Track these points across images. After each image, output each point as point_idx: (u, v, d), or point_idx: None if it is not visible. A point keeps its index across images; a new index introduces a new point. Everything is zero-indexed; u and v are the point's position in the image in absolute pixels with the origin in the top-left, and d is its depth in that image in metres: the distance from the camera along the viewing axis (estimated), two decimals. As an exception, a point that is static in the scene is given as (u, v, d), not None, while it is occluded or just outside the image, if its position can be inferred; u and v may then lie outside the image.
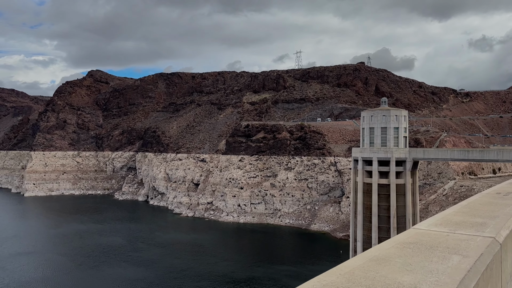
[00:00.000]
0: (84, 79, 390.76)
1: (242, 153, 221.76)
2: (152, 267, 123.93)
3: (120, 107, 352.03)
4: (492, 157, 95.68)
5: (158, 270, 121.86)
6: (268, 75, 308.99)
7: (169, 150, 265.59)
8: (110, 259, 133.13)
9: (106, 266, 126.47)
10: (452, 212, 7.80)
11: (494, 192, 10.80)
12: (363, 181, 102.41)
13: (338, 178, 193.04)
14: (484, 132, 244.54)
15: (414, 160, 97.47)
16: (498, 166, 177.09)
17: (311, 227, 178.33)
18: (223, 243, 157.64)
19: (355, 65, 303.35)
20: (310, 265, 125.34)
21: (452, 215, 7.49)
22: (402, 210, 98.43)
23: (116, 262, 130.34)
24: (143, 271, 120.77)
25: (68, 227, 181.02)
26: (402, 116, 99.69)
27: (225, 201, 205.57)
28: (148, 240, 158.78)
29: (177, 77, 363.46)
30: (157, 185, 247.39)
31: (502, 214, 7.60)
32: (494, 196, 9.99)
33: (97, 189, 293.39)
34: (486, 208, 8.28)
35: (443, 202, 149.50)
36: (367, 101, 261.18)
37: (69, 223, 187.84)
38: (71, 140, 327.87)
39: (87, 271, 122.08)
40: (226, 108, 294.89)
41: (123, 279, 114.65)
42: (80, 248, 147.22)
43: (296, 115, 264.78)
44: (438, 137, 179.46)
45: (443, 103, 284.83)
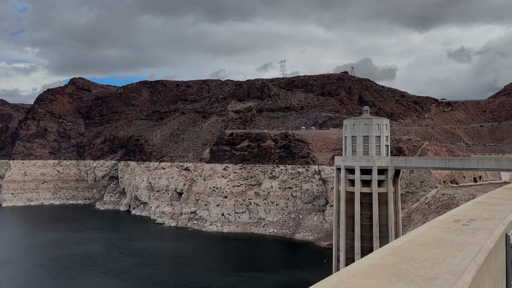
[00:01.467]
0: (66, 86, 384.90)
1: (226, 162, 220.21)
2: (131, 279, 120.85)
3: (103, 115, 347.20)
4: (473, 166, 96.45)
5: (136, 281, 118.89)
6: (253, 84, 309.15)
7: (152, 159, 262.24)
8: (87, 270, 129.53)
9: (83, 277, 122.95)
10: (373, 262, 5.60)
11: (452, 219, 8.64)
12: (346, 190, 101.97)
13: (322, 187, 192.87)
14: (465, 141, 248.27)
15: (396, 168, 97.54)
16: (479, 175, 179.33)
17: (295, 236, 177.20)
18: (206, 253, 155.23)
19: (339, 74, 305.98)
20: (293, 274, 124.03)
21: (367, 271, 5.20)
22: (384, 219, 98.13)
23: (94, 273, 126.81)
24: (121, 283, 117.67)
25: (45, 236, 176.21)
26: (383, 125, 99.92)
27: (208, 210, 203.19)
28: (127, 250, 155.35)
29: (161, 85, 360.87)
30: (139, 195, 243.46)
31: (445, 273, 5.14)
32: (449, 227, 7.76)
33: (78, 199, 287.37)
34: (426, 256, 5.91)
35: (425, 210, 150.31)
36: (351, 110, 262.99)
37: (47, 233, 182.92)
38: (51, 148, 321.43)
39: (63, 282, 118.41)
40: (210, 116, 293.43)
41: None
42: (57, 258, 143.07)
43: (280, 123, 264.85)
44: (420, 145, 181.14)
45: (425, 112, 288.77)
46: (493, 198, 12.07)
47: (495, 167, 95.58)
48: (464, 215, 9.03)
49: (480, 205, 10.70)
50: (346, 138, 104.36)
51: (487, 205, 10.56)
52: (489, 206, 10.26)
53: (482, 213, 9.14)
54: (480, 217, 8.77)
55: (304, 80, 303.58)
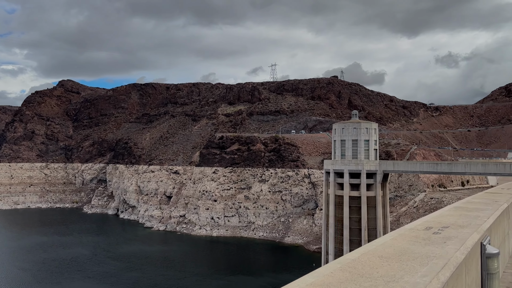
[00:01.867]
0: (55, 89, 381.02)
1: (216, 165, 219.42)
2: (117, 283, 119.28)
3: (91, 117, 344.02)
4: (460, 170, 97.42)
5: (122, 286, 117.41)
6: (243, 87, 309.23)
7: (141, 162, 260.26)
8: (73, 274, 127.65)
9: (69, 281, 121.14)
10: (315, 281, 5.09)
11: (423, 226, 7.88)
12: (335, 194, 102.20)
13: (312, 190, 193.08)
14: (453, 145, 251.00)
15: (384, 172, 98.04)
16: (467, 179, 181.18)
17: (284, 239, 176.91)
18: (194, 257, 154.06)
19: (329, 78, 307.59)
20: (281, 278, 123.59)
21: None
22: (373, 222, 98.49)
23: (79, 277, 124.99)
24: (107, 287, 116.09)
25: (31, 240, 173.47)
26: (372, 129, 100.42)
27: (198, 214, 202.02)
28: (114, 254, 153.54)
29: (151, 88, 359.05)
30: (128, 198, 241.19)
31: None
32: (417, 236, 6.98)
33: (66, 202, 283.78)
34: (382, 272, 5.12)
35: (414, 214, 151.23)
36: (340, 114, 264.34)
37: (33, 237, 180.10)
38: (39, 151, 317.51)
39: (48, 287, 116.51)
40: (200, 119, 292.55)
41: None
42: (42, 262, 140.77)
43: (271, 127, 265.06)
44: (408, 149, 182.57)
45: (414, 117, 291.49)
46: (472, 203, 11.43)
47: (482, 171, 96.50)
48: (438, 221, 8.40)
49: (457, 210, 10.10)
50: (335, 142, 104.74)
51: (464, 210, 9.97)
52: (466, 212, 9.65)
53: (457, 220, 8.50)
54: (454, 224, 8.14)
55: (294, 84, 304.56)
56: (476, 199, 11.89)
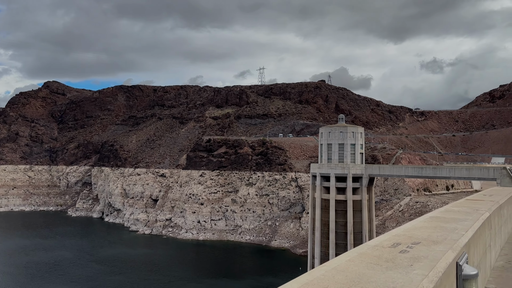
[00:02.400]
0: (40, 90, 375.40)
1: (203, 168, 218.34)
2: (99, 287, 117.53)
3: (77, 119, 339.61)
4: (444, 174, 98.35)
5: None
6: (231, 90, 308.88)
7: (127, 165, 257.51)
8: (55, 278, 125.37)
9: (50, 285, 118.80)
10: None
11: (390, 242, 6.66)
12: (321, 197, 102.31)
13: (299, 194, 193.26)
14: (438, 150, 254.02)
15: (370, 176, 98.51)
16: (451, 183, 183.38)
17: (271, 243, 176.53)
18: (179, 261, 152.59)
19: (316, 83, 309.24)
20: (266, 281, 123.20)
21: None
22: (358, 226, 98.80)
23: (62, 281, 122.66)
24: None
25: (12, 243, 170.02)
26: (358, 133, 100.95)
27: (184, 217, 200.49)
28: (97, 258, 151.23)
29: (138, 90, 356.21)
30: (113, 201, 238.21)
31: None
32: (380, 256, 5.78)
33: (50, 205, 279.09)
34: None
35: (399, 218, 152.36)
36: (328, 118, 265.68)
37: (15, 240, 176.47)
38: (23, 153, 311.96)
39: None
40: (188, 122, 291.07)
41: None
42: (24, 266, 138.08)
43: (258, 130, 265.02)
44: (394, 154, 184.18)
45: (400, 121, 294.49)
46: (451, 212, 10.42)
47: (466, 175, 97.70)
48: (408, 236, 7.25)
49: (432, 221, 8.90)
50: (322, 145, 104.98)
51: (441, 221, 8.85)
52: (443, 223, 8.54)
53: (431, 233, 7.46)
54: (427, 239, 7.02)
55: (282, 87, 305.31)
56: (455, 207, 11.16)
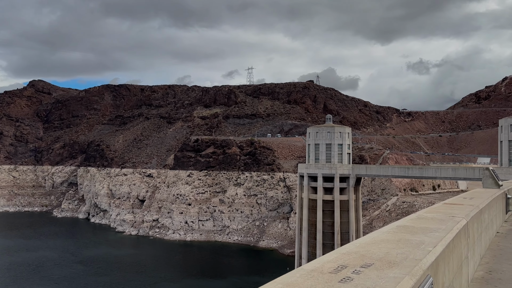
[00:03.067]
0: (25, 89, 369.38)
1: (191, 168, 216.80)
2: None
3: (63, 119, 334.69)
4: (431, 174, 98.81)
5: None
6: (220, 90, 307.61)
7: (113, 165, 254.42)
8: (38, 279, 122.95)
9: (34, 286, 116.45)
10: None
11: (335, 264, 5.21)
12: (309, 197, 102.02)
13: (287, 194, 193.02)
14: (425, 150, 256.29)
15: (357, 176, 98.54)
16: (438, 183, 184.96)
17: (259, 243, 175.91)
18: (166, 261, 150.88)
19: (305, 83, 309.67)
20: (251, 281, 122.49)
21: None
22: (346, 226, 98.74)
23: (45, 282, 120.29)
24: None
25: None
26: (346, 133, 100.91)
27: (171, 218, 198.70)
28: (82, 259, 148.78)
29: (125, 89, 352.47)
30: (99, 202, 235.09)
31: None
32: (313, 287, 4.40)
33: (35, 206, 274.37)
34: None
35: (386, 218, 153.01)
36: (316, 118, 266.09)
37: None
38: (7, 153, 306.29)
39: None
40: (176, 122, 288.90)
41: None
42: (6, 268, 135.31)
43: (247, 130, 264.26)
44: (381, 154, 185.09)
45: (387, 122, 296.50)
46: (423, 219, 8.91)
47: (452, 176, 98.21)
48: (362, 254, 5.71)
49: (399, 231, 7.46)
50: (310, 145, 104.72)
51: (408, 231, 7.46)
52: (409, 235, 7.12)
53: (391, 250, 5.94)
54: (383, 258, 5.49)
55: (270, 87, 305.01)
56: (429, 213, 9.79)
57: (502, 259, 12.04)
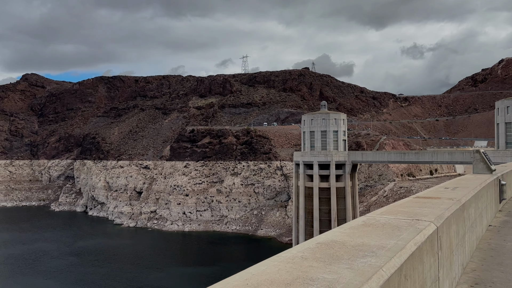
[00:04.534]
0: (18, 83, 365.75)
1: (187, 159, 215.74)
2: (82, 280, 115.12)
3: (57, 112, 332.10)
4: (427, 159, 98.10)
5: (90, 283, 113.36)
6: (215, 80, 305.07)
7: (109, 157, 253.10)
8: (35, 273, 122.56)
9: (31, 278, 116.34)
10: None
11: None
12: (305, 185, 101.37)
13: (284, 182, 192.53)
14: (421, 134, 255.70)
15: (353, 163, 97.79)
16: (435, 168, 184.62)
17: (257, 232, 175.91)
18: (163, 252, 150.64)
19: (300, 70, 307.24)
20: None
21: None
22: (342, 213, 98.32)
23: (44, 275, 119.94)
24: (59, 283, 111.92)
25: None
26: (341, 120, 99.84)
27: (169, 209, 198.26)
28: (78, 251, 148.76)
29: (119, 81, 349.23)
30: (96, 195, 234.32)
31: None
32: None
33: (32, 200, 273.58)
34: None
35: (383, 203, 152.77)
36: (312, 106, 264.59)
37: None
38: (3, 148, 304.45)
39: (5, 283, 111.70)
40: (171, 113, 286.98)
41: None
42: (3, 263, 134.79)
43: (243, 119, 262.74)
44: (378, 140, 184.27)
45: (384, 107, 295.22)
46: (370, 227, 5.93)
47: (449, 160, 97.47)
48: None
49: (322, 250, 4.74)
50: (305, 133, 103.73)
51: (327, 256, 4.52)
52: (321, 266, 4.26)
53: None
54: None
55: (266, 76, 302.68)
56: (386, 215, 6.78)
57: (493, 264, 9.65)
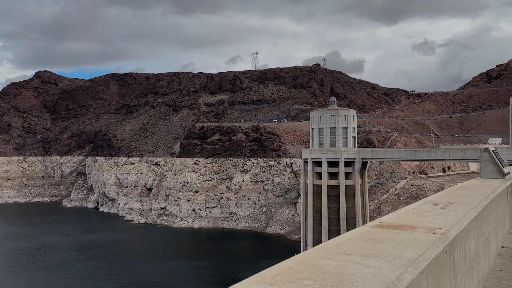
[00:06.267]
0: (31, 80, 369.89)
1: (197, 156, 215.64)
2: (90, 278, 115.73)
3: (70, 109, 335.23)
4: (439, 157, 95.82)
5: (98, 279, 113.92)
6: (225, 76, 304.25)
7: (120, 154, 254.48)
8: (33, 264, 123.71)
9: (29, 270, 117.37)
10: None
11: None
12: (313, 183, 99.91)
13: (294, 180, 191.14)
14: (434, 132, 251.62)
15: (363, 160, 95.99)
16: (448, 165, 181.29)
17: (267, 230, 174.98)
18: (172, 248, 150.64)
19: (311, 66, 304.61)
20: (261, 268, 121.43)
21: None
22: (351, 211, 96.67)
23: (50, 268, 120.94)
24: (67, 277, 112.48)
25: (3, 232, 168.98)
26: (350, 116, 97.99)
27: (179, 206, 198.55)
28: (87, 247, 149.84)
29: (131, 78, 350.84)
30: (107, 191, 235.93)
31: None
32: None
33: (44, 196, 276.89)
34: None
35: (395, 201, 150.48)
36: (323, 102, 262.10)
37: (5, 229, 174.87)
38: (16, 144, 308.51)
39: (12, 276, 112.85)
40: (181, 109, 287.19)
41: None
42: (13, 258, 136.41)
43: (253, 116, 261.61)
44: (389, 137, 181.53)
45: (396, 104, 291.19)
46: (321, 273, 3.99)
47: (461, 157, 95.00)
48: None
49: None
50: (313, 130, 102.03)
51: None
52: None
53: None
54: None
55: (276, 72, 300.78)
56: (352, 244, 4.95)
57: None
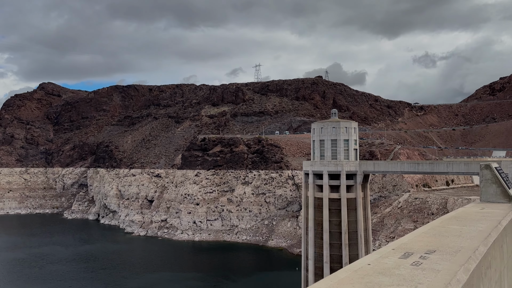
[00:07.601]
0: (35, 92, 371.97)
1: (198, 168, 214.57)
2: None
3: (72, 120, 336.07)
4: (442, 170, 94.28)
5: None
6: (227, 88, 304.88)
7: (122, 166, 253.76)
8: (30, 275, 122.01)
9: (25, 282, 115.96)
10: None
11: None
12: (314, 196, 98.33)
13: (295, 192, 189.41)
14: (438, 144, 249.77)
15: (365, 173, 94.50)
16: (451, 178, 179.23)
17: (268, 243, 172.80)
18: (172, 262, 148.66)
19: (313, 78, 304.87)
20: (264, 283, 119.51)
21: None
22: (353, 225, 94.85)
23: (43, 279, 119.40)
24: None
25: (4, 243, 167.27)
26: (352, 128, 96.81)
27: (180, 218, 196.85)
28: (86, 259, 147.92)
29: (133, 90, 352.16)
30: (108, 203, 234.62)
31: None
32: None
33: (46, 208, 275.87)
34: None
35: (398, 215, 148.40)
36: (325, 114, 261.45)
37: (6, 240, 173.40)
38: (18, 156, 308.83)
39: None
40: (184, 121, 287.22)
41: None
42: (16, 273, 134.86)
43: (255, 128, 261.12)
44: (392, 149, 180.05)
45: (399, 116, 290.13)
46: None
47: (465, 170, 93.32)
48: None
49: None
50: (314, 142, 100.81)
51: None
52: None
53: None
54: None
55: (278, 84, 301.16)
56: None
57: None
